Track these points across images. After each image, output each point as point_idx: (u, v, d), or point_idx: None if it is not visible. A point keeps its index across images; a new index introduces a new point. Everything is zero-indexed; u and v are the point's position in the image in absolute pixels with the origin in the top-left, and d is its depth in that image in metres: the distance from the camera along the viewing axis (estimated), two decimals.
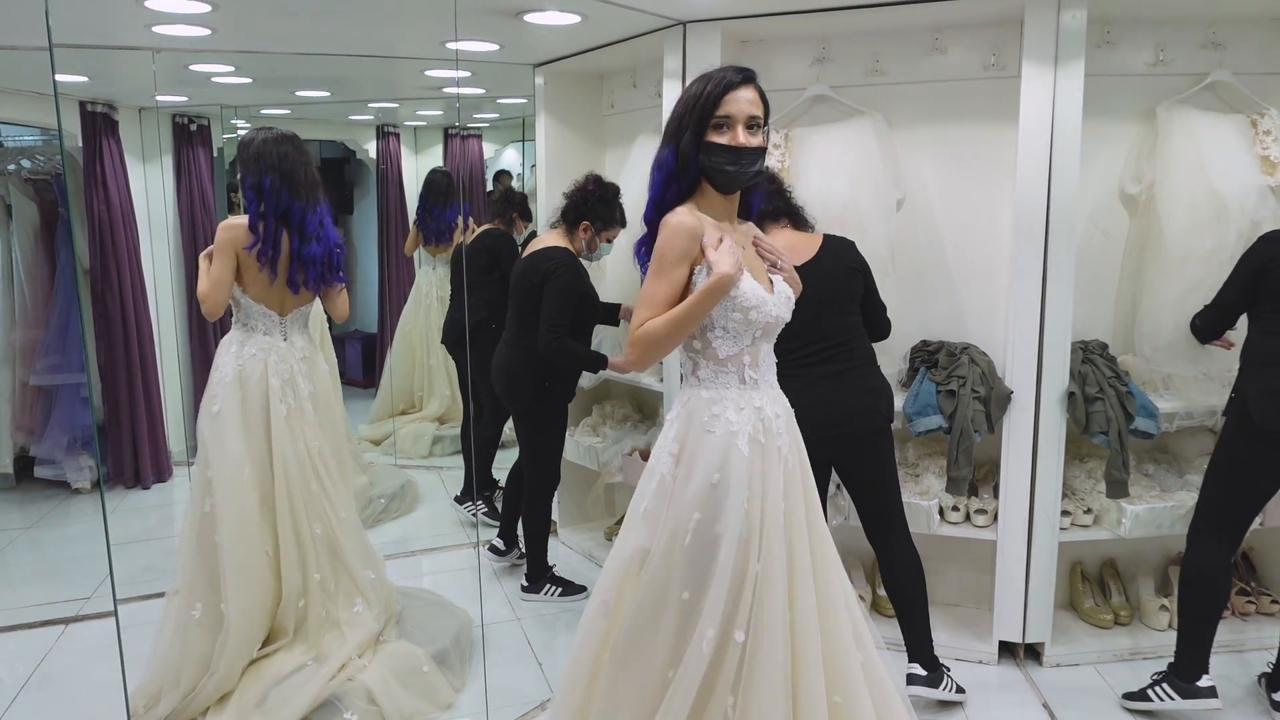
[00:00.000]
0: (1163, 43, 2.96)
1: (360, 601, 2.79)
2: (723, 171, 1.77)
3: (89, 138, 4.09)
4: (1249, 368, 2.56)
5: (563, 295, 3.07)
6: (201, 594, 2.62)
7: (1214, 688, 2.58)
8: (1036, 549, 2.88)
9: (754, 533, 1.77)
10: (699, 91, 1.76)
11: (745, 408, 1.80)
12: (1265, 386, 2.48)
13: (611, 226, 3.21)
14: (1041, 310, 2.79)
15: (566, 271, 3.09)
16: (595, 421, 3.97)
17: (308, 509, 2.75)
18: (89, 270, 4.22)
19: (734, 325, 1.79)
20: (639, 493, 1.87)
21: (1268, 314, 2.53)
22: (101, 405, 4.26)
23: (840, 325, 2.54)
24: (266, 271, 2.69)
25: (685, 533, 1.76)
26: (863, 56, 3.12)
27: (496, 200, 4.34)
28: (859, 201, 2.96)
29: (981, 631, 3.06)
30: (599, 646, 1.85)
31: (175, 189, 4.51)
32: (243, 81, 4.07)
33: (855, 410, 2.52)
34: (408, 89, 4.66)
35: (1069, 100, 2.69)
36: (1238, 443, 2.56)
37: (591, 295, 3.23)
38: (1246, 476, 2.56)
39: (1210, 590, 2.59)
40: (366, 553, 2.92)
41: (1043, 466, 2.84)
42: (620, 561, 1.84)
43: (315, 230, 2.74)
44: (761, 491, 1.78)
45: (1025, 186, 2.76)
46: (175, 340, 4.41)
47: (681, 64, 3.11)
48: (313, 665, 2.62)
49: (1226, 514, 2.60)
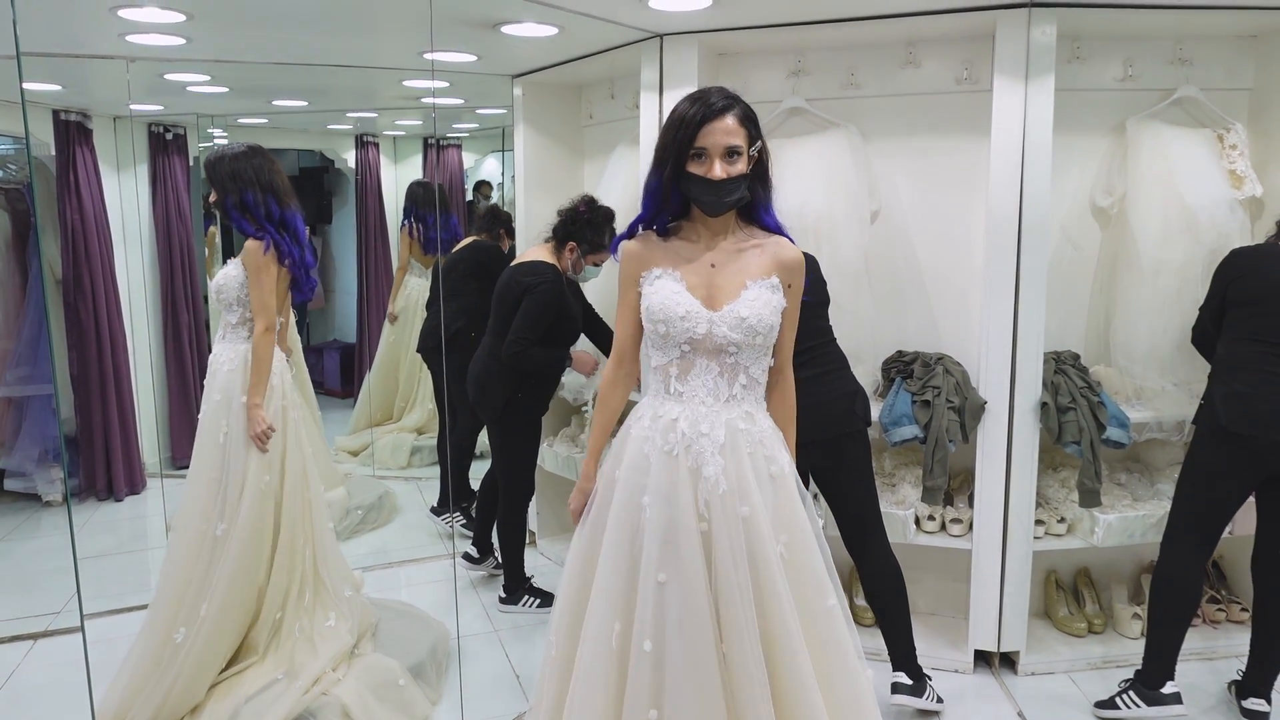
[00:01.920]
0: (1131, 58, 3.01)
1: (334, 615, 2.77)
2: (700, 201, 1.82)
3: (62, 146, 4.05)
4: (1217, 374, 2.62)
5: (539, 309, 3.09)
6: (185, 619, 2.59)
7: (1178, 694, 2.61)
8: (1011, 558, 2.91)
9: (651, 540, 1.79)
10: (680, 118, 1.79)
11: (661, 418, 1.84)
12: (1231, 390, 2.54)
13: (599, 251, 3.20)
14: (1014, 321, 2.82)
15: (547, 288, 3.10)
16: (574, 432, 3.97)
17: (302, 521, 2.75)
18: (61, 280, 4.17)
19: (654, 337, 1.87)
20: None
21: (1232, 323, 2.59)
22: (74, 416, 4.20)
23: (813, 329, 2.54)
24: (288, 281, 2.73)
25: (587, 518, 1.94)
26: (838, 70, 3.15)
27: (483, 216, 4.36)
28: (834, 213, 2.99)
29: (957, 640, 3.08)
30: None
31: (150, 198, 4.47)
32: (219, 91, 4.04)
33: (833, 415, 2.52)
34: (386, 99, 4.65)
35: (1040, 114, 2.73)
36: (1207, 449, 2.60)
37: (571, 317, 3.23)
38: (1216, 483, 2.60)
39: (1180, 598, 2.62)
40: (342, 565, 2.90)
41: (1016, 476, 2.87)
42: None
43: (306, 237, 2.77)
44: (667, 500, 1.79)
45: (998, 199, 2.79)
46: (149, 351, 4.36)
47: (658, 76, 3.13)
48: (284, 680, 2.59)
49: (1198, 521, 2.63)
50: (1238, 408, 2.51)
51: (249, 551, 2.62)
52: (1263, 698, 2.64)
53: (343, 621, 2.77)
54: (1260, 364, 2.51)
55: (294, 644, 2.69)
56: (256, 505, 2.63)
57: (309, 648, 2.68)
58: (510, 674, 2.99)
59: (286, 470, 2.71)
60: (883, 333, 3.16)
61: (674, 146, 1.79)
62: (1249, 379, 2.52)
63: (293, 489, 2.72)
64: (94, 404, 4.17)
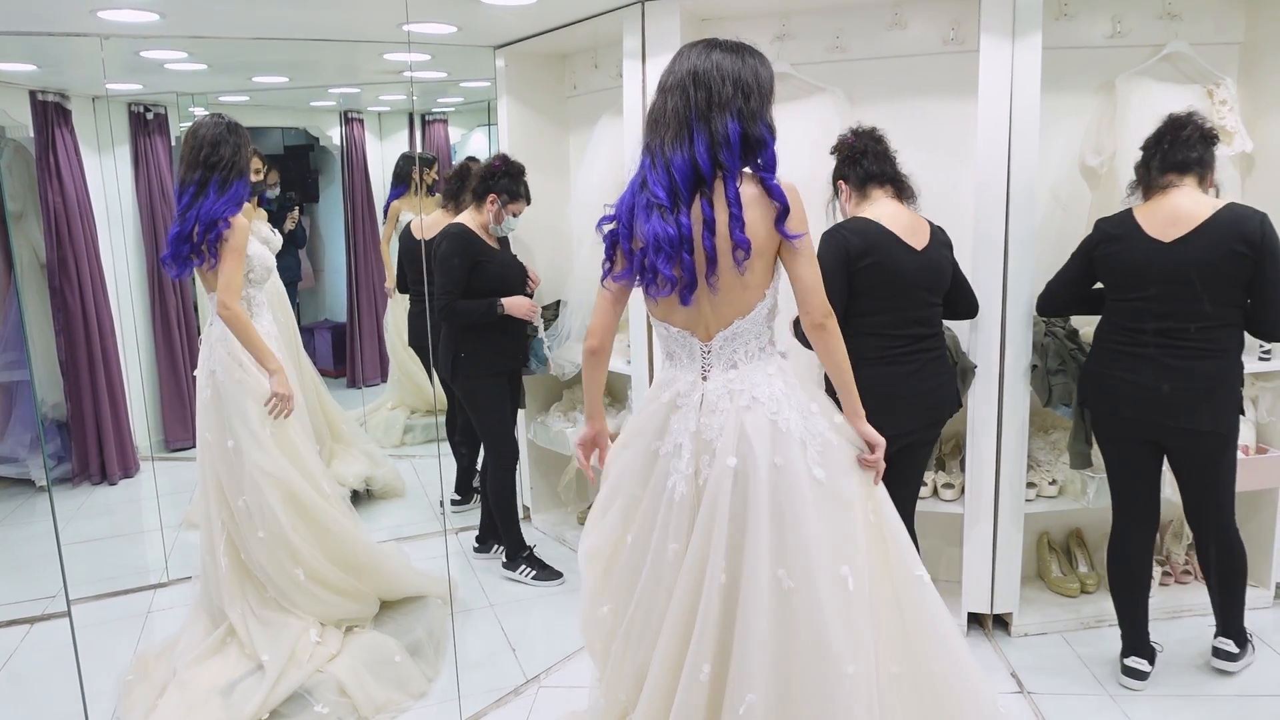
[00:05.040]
0: (1119, 14, 2.97)
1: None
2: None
3: (41, 128, 3.99)
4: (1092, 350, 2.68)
5: (446, 262, 3.23)
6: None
7: (1139, 670, 2.63)
8: (1003, 521, 2.91)
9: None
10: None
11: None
12: (1089, 369, 2.64)
13: (517, 200, 3.33)
14: (1004, 284, 2.80)
15: (449, 241, 3.26)
16: (566, 406, 3.96)
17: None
18: (46, 264, 4.13)
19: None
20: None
21: (1108, 300, 2.61)
22: (64, 401, 4.18)
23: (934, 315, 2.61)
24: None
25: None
26: (823, 33, 3.10)
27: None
28: (821, 178, 2.95)
29: (951, 604, 3.04)
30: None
31: (133, 179, 4.42)
32: (197, 68, 3.99)
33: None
34: (368, 74, 4.58)
35: (1027, 73, 2.69)
36: (1094, 426, 2.69)
37: (486, 266, 3.28)
38: (1111, 454, 2.66)
39: (1127, 573, 2.64)
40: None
41: (1008, 439, 2.87)
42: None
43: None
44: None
45: (986, 160, 2.76)
46: (136, 333, 4.34)
47: (641, 44, 3.08)
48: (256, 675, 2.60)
49: (1118, 495, 2.67)
50: (1089, 386, 2.64)
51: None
52: (1229, 638, 2.67)
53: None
54: (1114, 341, 2.55)
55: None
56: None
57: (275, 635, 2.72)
58: (507, 648, 3.01)
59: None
60: None
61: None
62: (1101, 357, 2.59)
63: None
64: (83, 388, 4.16)
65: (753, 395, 1.81)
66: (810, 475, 1.77)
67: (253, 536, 2.70)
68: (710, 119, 1.73)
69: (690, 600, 1.79)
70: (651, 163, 1.78)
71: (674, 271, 1.74)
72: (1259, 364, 2.97)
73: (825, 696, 1.72)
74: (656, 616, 1.84)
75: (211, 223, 2.64)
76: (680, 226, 1.73)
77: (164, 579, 3.49)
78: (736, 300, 1.81)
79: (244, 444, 2.68)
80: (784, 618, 1.74)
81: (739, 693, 1.73)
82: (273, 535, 2.70)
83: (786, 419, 1.79)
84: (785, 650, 1.74)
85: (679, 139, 1.74)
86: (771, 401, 1.80)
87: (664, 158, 1.75)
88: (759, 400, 1.80)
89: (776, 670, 1.74)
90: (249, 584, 2.75)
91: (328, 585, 2.80)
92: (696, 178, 1.75)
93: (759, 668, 1.72)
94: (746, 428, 1.79)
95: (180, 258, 2.68)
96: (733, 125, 1.72)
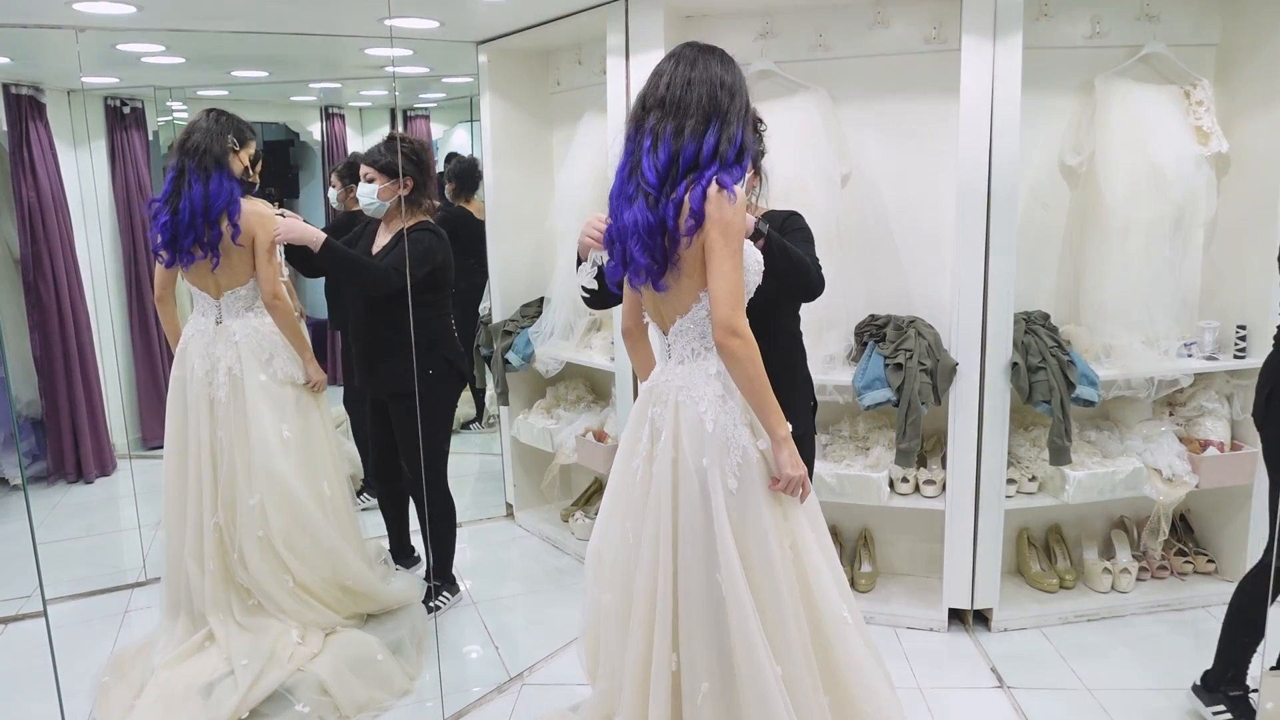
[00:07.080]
0: (1099, 15, 3.00)
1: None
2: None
3: (14, 122, 3.93)
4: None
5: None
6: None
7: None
8: (983, 517, 2.94)
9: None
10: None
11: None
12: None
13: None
14: (985, 282, 2.82)
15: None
16: (549, 404, 3.95)
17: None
18: (20, 259, 4.07)
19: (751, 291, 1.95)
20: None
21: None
22: (39, 398, 4.12)
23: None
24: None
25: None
26: (806, 31, 3.11)
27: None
28: (804, 177, 2.96)
29: (931, 600, 3.11)
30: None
31: (110, 174, 4.36)
32: (175, 61, 3.93)
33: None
34: (349, 69, 4.54)
35: (1008, 73, 2.71)
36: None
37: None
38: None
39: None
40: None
41: (988, 436, 2.89)
42: None
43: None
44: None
45: (967, 159, 2.78)
46: (113, 329, 4.28)
47: (624, 40, 3.08)
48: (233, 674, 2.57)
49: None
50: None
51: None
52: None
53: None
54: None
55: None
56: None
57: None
58: (490, 646, 3.00)
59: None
60: (855, 296, 3.16)
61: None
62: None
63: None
64: (59, 385, 4.09)
65: (690, 393, 1.86)
66: (724, 484, 1.80)
67: (251, 537, 2.70)
68: (728, 121, 1.79)
69: (649, 585, 1.88)
70: (653, 145, 1.78)
71: (647, 259, 1.77)
72: (1234, 361, 3.01)
73: (761, 693, 1.79)
74: (630, 601, 1.95)
75: (217, 219, 2.66)
76: (664, 215, 1.76)
77: (141, 578, 3.45)
78: (674, 300, 1.86)
79: (271, 444, 2.71)
80: (720, 617, 1.81)
81: (694, 681, 1.83)
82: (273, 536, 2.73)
83: (714, 421, 1.82)
84: (725, 646, 1.81)
85: (696, 132, 1.77)
86: (704, 402, 1.83)
87: (675, 143, 1.77)
88: (694, 399, 1.85)
89: (721, 664, 1.82)
90: (233, 591, 2.73)
91: (314, 596, 2.80)
92: (687, 169, 1.77)
93: (704, 660, 1.82)
94: (682, 424, 1.85)
95: (183, 250, 2.67)
96: (739, 133, 1.80)
